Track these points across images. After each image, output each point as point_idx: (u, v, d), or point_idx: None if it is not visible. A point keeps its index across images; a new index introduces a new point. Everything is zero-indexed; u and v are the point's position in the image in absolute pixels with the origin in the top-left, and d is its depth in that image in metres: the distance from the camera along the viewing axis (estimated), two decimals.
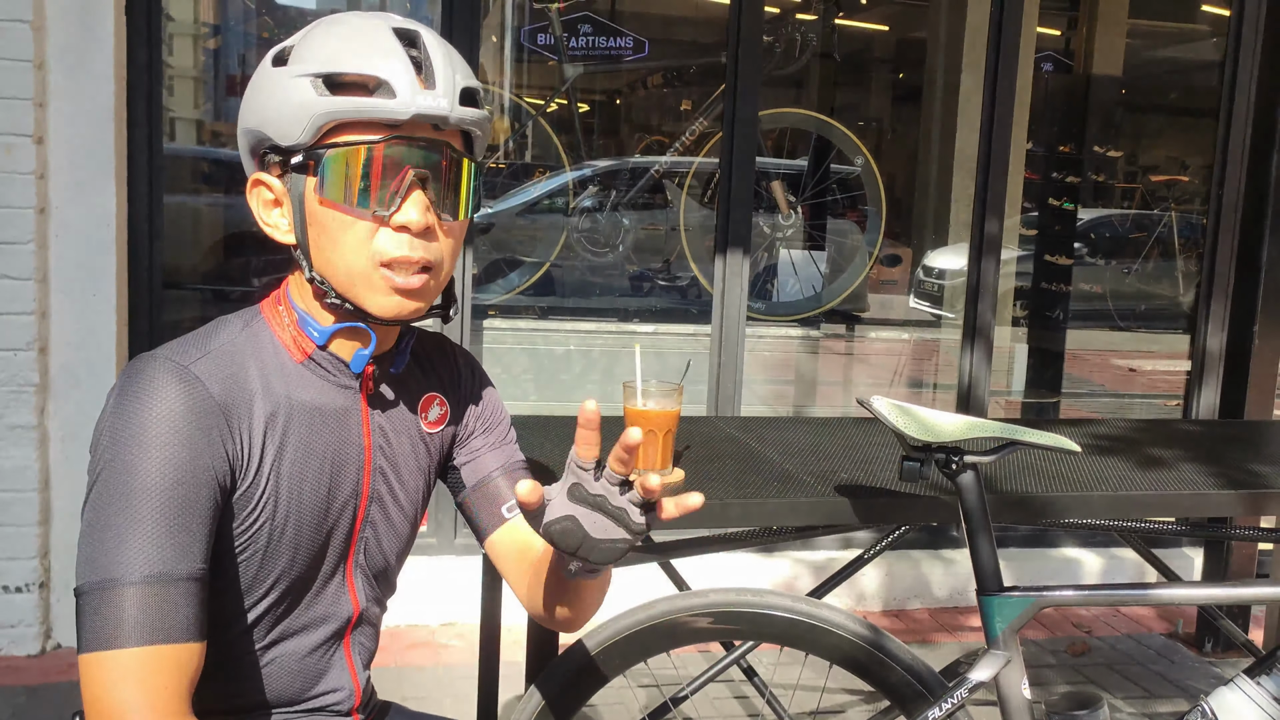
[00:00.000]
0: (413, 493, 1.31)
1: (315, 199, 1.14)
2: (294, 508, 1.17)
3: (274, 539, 1.16)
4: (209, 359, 1.13)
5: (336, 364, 1.22)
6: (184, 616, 1.04)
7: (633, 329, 4.02)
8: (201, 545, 1.07)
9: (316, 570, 1.22)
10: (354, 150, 1.11)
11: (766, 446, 2.17)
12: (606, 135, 4.54)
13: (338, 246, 1.14)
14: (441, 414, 1.35)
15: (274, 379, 1.17)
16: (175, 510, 1.05)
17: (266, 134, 1.14)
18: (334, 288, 1.16)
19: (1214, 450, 2.32)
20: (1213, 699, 1.61)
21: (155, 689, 1.01)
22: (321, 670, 1.26)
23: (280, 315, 1.21)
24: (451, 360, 1.39)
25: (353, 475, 1.23)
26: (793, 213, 4.24)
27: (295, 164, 1.13)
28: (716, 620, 1.68)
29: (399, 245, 1.13)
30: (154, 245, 3.27)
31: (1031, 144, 5.48)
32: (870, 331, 4.36)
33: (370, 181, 1.12)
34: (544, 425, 2.28)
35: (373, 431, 1.25)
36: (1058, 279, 5.27)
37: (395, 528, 1.30)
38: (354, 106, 1.10)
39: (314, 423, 1.19)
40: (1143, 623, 3.92)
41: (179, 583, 1.04)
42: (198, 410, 1.08)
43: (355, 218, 1.13)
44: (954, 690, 1.62)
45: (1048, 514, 1.90)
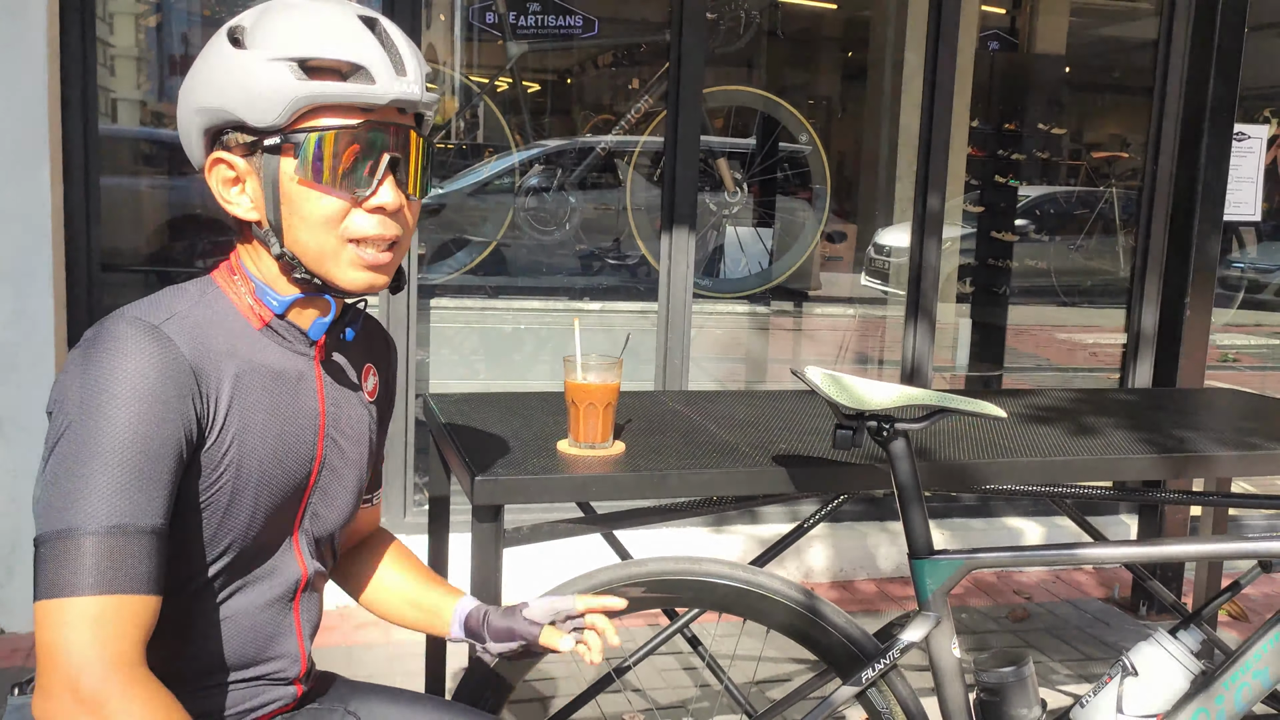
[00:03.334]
0: (357, 459, 1.35)
1: (292, 179, 1.17)
2: (255, 468, 1.20)
3: (235, 498, 1.18)
4: (177, 320, 1.15)
5: (293, 331, 1.26)
6: (142, 569, 1.05)
7: (580, 307, 4.04)
8: (164, 500, 1.09)
9: (271, 532, 1.25)
10: (334, 134, 1.15)
11: (708, 419, 2.20)
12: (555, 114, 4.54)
13: (311, 225, 1.18)
14: (375, 384, 1.41)
15: (238, 343, 1.21)
16: (141, 464, 1.07)
17: (235, 115, 1.15)
18: (303, 263, 1.20)
19: (1143, 417, 2.39)
20: (1133, 653, 1.67)
21: (109, 638, 1.02)
22: (271, 635, 1.28)
23: (235, 284, 1.24)
24: (382, 338, 1.46)
25: (309, 439, 1.27)
26: (739, 190, 4.27)
27: (269, 145, 1.16)
28: (655, 589, 1.71)
29: (373, 225, 1.19)
30: (91, 228, 3.23)
31: (977, 121, 5.55)
32: (817, 308, 4.41)
33: (350, 164, 1.17)
34: (497, 402, 2.30)
35: (326, 398, 1.29)
36: (1002, 255, 5.35)
37: (344, 493, 1.34)
38: (337, 91, 1.14)
39: (275, 386, 1.23)
40: (1081, 588, 4.02)
41: (139, 535, 1.06)
42: (170, 368, 1.10)
43: (334, 198, 1.17)
44: (886, 651, 1.66)
45: (980, 480, 1.96)
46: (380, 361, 1.43)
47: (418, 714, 1.42)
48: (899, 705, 1.70)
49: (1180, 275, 3.73)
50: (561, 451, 1.91)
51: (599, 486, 1.78)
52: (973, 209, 5.51)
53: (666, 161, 3.69)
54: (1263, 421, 2.39)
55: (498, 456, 1.85)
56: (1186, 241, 3.69)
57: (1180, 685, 1.64)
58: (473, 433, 2.01)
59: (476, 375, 4.02)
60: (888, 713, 1.70)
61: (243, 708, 1.27)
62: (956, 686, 1.67)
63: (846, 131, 5.31)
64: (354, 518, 1.41)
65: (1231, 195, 3.81)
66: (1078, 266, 5.95)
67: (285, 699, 1.31)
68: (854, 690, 1.66)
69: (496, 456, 1.85)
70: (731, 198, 4.26)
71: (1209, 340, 3.75)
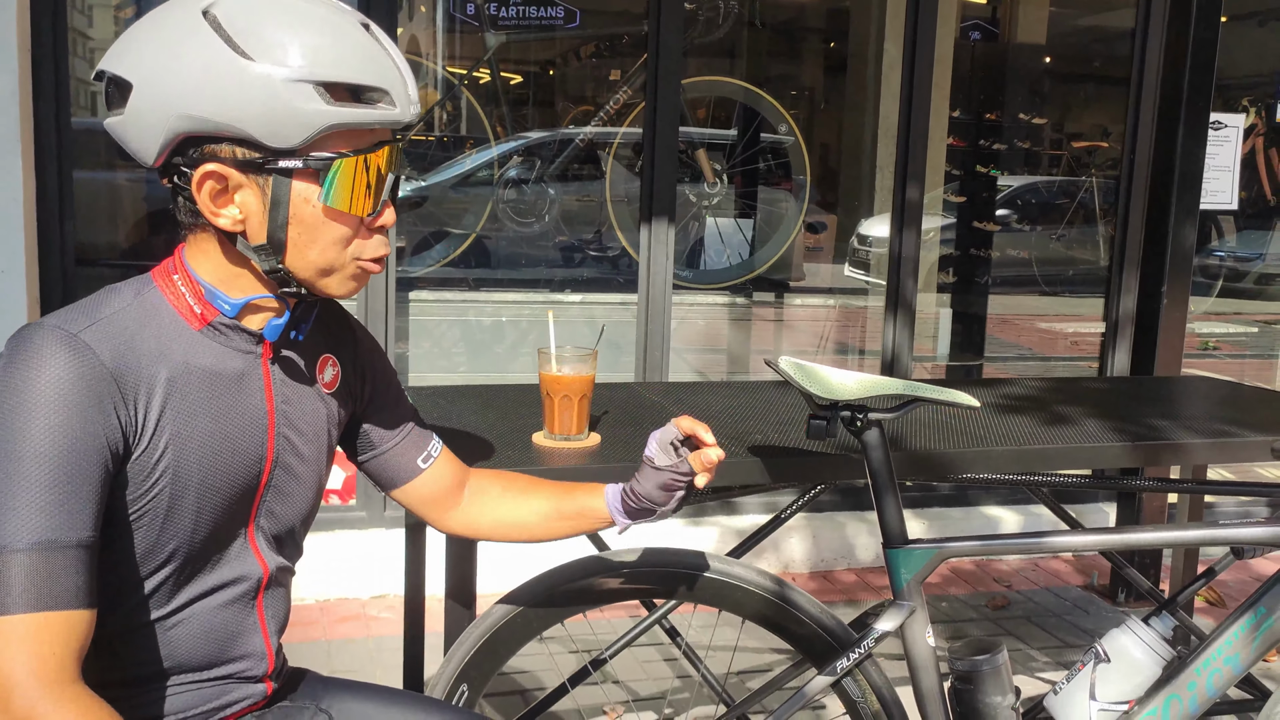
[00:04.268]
0: (315, 453, 1.32)
1: (310, 204, 1.15)
2: (195, 472, 1.17)
3: (175, 504, 1.16)
4: (99, 326, 1.12)
5: (236, 329, 1.22)
6: (72, 583, 1.04)
7: (560, 298, 4.03)
8: (91, 513, 1.06)
9: (221, 534, 1.23)
10: (359, 160, 1.15)
11: (685, 410, 2.20)
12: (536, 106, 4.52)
13: (324, 247, 1.18)
14: (335, 374, 1.36)
15: (171, 346, 1.17)
16: (64, 477, 1.04)
17: (243, 132, 1.10)
18: (299, 279, 1.19)
19: (1119, 405, 2.40)
20: (1105, 640, 1.68)
21: (42, 656, 1.01)
22: (234, 634, 1.26)
23: (176, 284, 1.20)
24: (341, 322, 1.41)
25: (256, 439, 1.24)
26: (718, 181, 4.26)
27: (284, 168, 1.12)
28: (630, 580, 1.71)
29: (381, 244, 1.22)
30: (65, 222, 3.20)
31: (959, 112, 5.56)
32: (798, 299, 4.41)
33: (368, 187, 1.17)
34: (473, 394, 2.29)
35: (275, 395, 1.26)
36: (983, 245, 5.37)
37: (301, 489, 1.31)
38: (368, 117, 1.13)
39: (214, 387, 1.19)
40: (1060, 577, 4.04)
41: (67, 550, 1.03)
42: (88, 378, 1.07)
43: (349, 220, 1.17)
44: (861, 641, 1.67)
45: (955, 469, 1.96)
46: (342, 349, 1.38)
47: (392, 711, 1.41)
48: (874, 694, 1.70)
49: (1157, 263, 3.75)
50: (537, 443, 1.91)
51: (573, 479, 1.77)
52: (954, 199, 5.53)
53: (645, 152, 3.68)
54: (1237, 409, 2.40)
55: (473, 449, 1.84)
56: (1163, 230, 3.71)
57: (1152, 671, 1.65)
58: (448, 426, 2.01)
59: (456, 368, 4.01)
60: (863, 702, 1.70)
61: (210, 706, 1.25)
62: (931, 675, 1.67)
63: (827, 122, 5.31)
64: (317, 507, 1.37)
65: (1209, 184, 3.83)
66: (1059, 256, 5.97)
67: (254, 697, 1.30)
68: (829, 680, 1.66)
69: (471, 449, 1.84)
70: (711, 189, 4.26)
71: (1186, 328, 3.77)
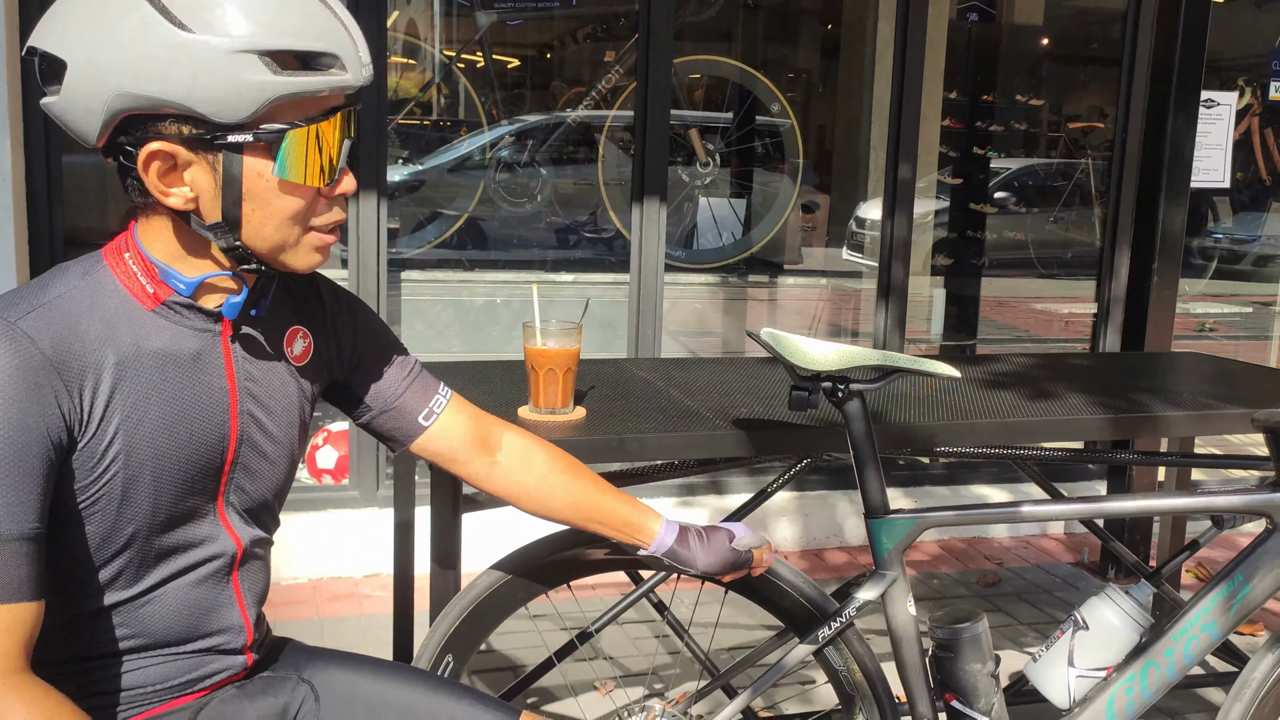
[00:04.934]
0: (286, 428, 1.30)
1: (264, 179, 1.12)
2: (150, 457, 1.15)
3: (130, 489, 1.14)
4: (40, 312, 1.09)
5: (191, 308, 1.19)
6: (16, 576, 1.03)
7: (553, 278, 4.04)
8: (34, 505, 1.05)
9: (187, 513, 1.21)
10: (310, 130, 1.12)
11: (672, 386, 2.21)
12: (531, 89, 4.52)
13: (280, 220, 1.15)
14: (305, 347, 1.33)
15: (120, 328, 1.14)
16: (3, 471, 1.03)
17: (186, 107, 1.06)
18: (258, 255, 1.16)
19: (1105, 380, 2.41)
20: (1084, 608, 1.70)
21: None
22: (210, 609, 1.26)
23: (127, 264, 1.17)
24: (314, 292, 1.38)
25: (217, 418, 1.21)
26: (711, 161, 4.26)
27: (233, 143, 1.09)
28: (614, 550, 1.72)
29: (335, 212, 1.19)
30: (54, 204, 3.21)
31: (955, 93, 5.55)
32: (790, 279, 4.42)
33: (323, 157, 1.14)
34: (461, 370, 2.31)
35: (237, 373, 1.23)
36: (980, 227, 5.37)
37: (271, 464, 1.29)
38: (318, 84, 1.09)
39: (166, 369, 1.16)
40: (1051, 554, 4.06)
41: (10, 543, 1.03)
42: (24, 368, 1.05)
43: (304, 192, 1.14)
44: (842, 609, 1.68)
45: (939, 442, 1.97)
46: (311, 319, 1.35)
47: (373, 679, 1.40)
48: (856, 663, 1.72)
49: (1147, 242, 3.75)
50: (522, 417, 1.92)
51: None
52: (950, 180, 5.53)
53: (636, 132, 3.68)
54: (1224, 384, 2.41)
55: None
56: (1153, 209, 3.71)
57: (1130, 639, 1.66)
58: None
59: (450, 348, 4.02)
60: (845, 671, 1.72)
61: (190, 677, 1.26)
62: (912, 644, 1.68)
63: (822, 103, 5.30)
64: (291, 481, 1.35)
65: (1200, 163, 3.84)
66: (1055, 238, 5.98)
67: (235, 668, 1.30)
68: (811, 648, 1.68)
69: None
70: (704, 169, 4.26)
71: (1176, 306, 3.78)
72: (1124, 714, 1.66)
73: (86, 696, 1.17)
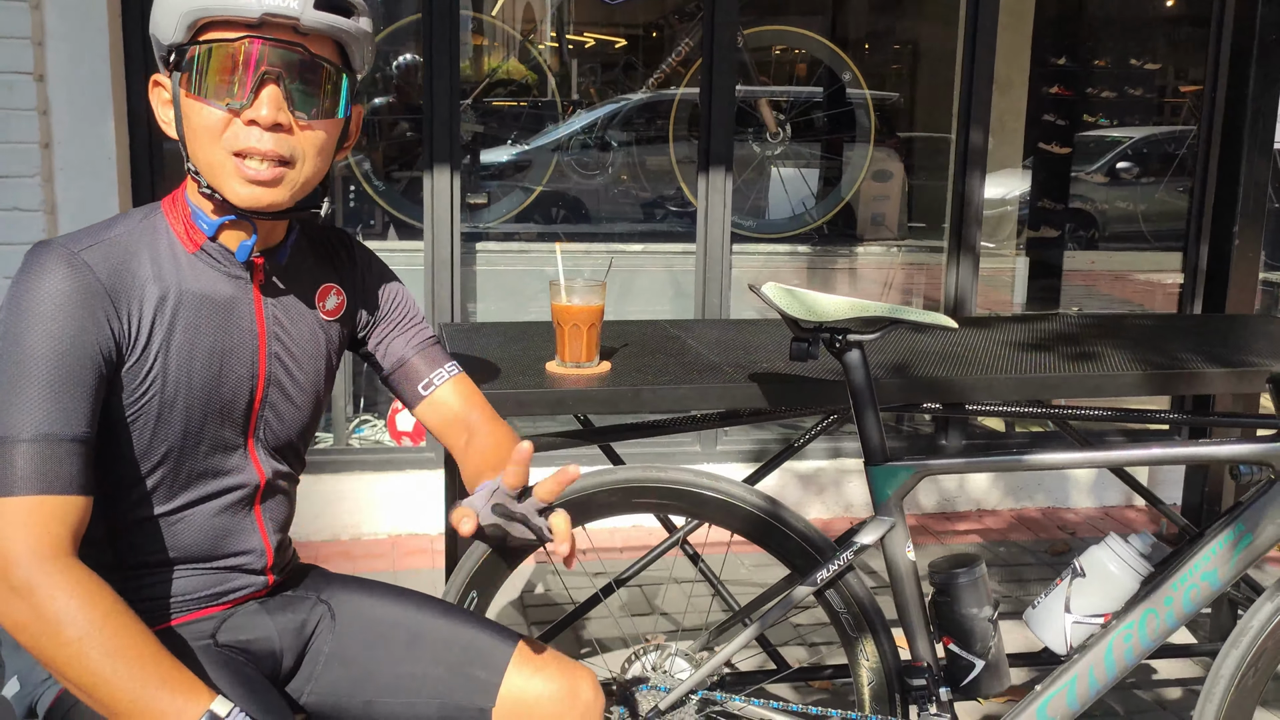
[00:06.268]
0: (312, 375, 1.44)
1: (185, 95, 1.25)
2: (182, 386, 1.29)
3: (163, 412, 1.28)
4: (100, 247, 1.25)
5: (226, 254, 1.33)
6: (68, 472, 1.17)
7: (622, 248, 4.13)
8: (86, 411, 1.19)
9: (214, 444, 1.35)
10: (213, 47, 1.23)
11: (701, 343, 2.28)
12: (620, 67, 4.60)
13: (199, 137, 1.26)
14: (339, 303, 1.47)
15: (165, 267, 1.29)
16: (61, 378, 1.18)
17: (156, 36, 1.27)
18: (204, 178, 1.28)
19: (1154, 340, 2.39)
20: (1083, 556, 1.72)
21: (40, 534, 1.14)
22: (231, 532, 1.39)
23: (176, 209, 1.33)
24: (349, 254, 1.52)
25: (246, 359, 1.35)
26: (781, 131, 4.29)
27: (172, 61, 1.26)
28: (626, 494, 1.81)
29: (248, 137, 1.24)
30: (155, 177, 3.43)
31: (1065, 59, 5.44)
32: (860, 248, 4.42)
33: (226, 76, 1.23)
34: (505, 330, 2.42)
35: (266, 319, 1.37)
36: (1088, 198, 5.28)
37: (296, 407, 1.42)
38: (211, 5, 1.21)
39: (202, 310, 1.31)
40: (1131, 525, 3.99)
41: (64, 442, 1.17)
42: (84, 291, 1.20)
43: (213, 109, 1.24)
44: (841, 552, 1.74)
45: (955, 396, 2.00)
46: (345, 277, 1.49)
47: (387, 603, 1.51)
48: (857, 606, 1.77)
49: (1229, 204, 3.65)
50: (549, 371, 2.02)
51: (574, 401, 1.88)
52: (1058, 150, 5.43)
53: (702, 103, 3.74)
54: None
55: (488, 376, 1.97)
56: (1234, 169, 3.61)
57: (1128, 586, 1.68)
58: (470, 355, 2.13)
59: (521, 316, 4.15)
60: (844, 611, 1.78)
61: (213, 590, 1.39)
62: (911, 588, 1.73)
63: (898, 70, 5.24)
64: (318, 422, 1.49)
65: None
66: (1168, 208, 5.81)
67: (256, 586, 1.43)
68: (810, 589, 1.74)
69: (487, 376, 1.96)
70: (774, 139, 4.29)
71: (1259, 270, 3.67)
72: (1123, 660, 1.68)
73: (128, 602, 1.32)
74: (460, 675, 1.45)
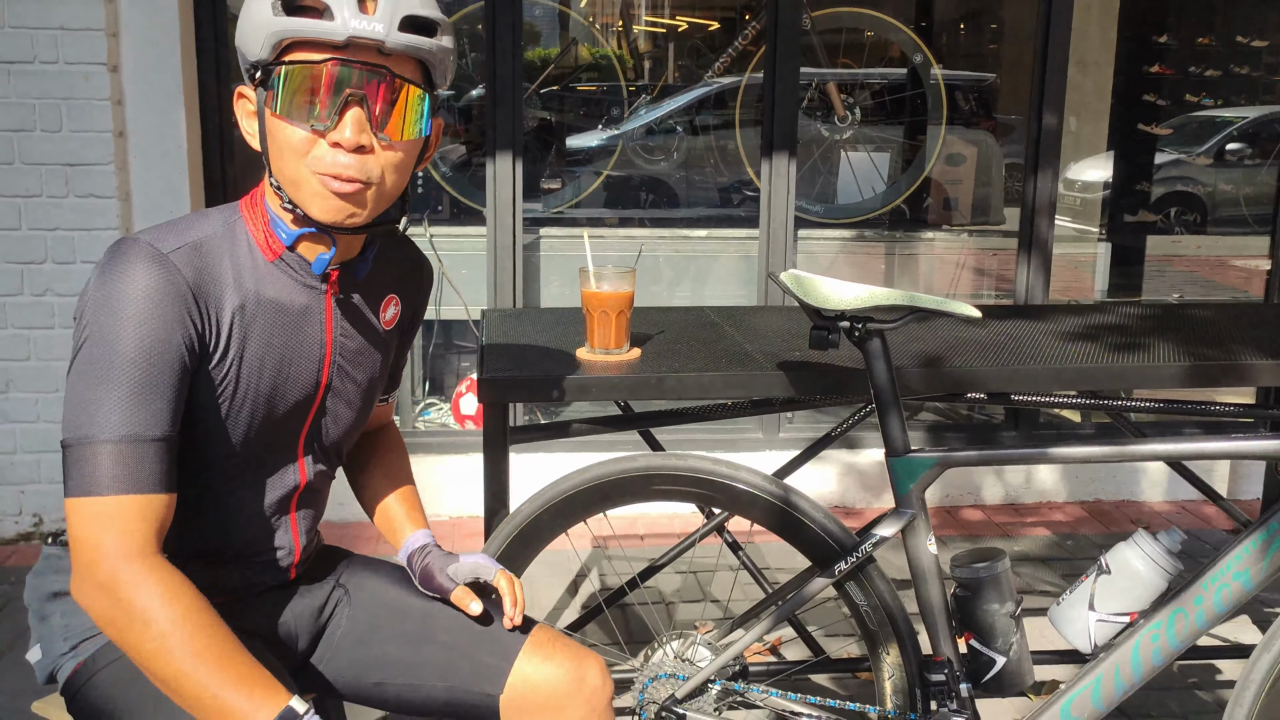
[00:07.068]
0: (368, 381, 1.47)
1: (271, 113, 1.25)
2: (250, 391, 1.32)
3: (229, 416, 1.31)
4: (187, 250, 1.25)
5: (303, 265, 1.35)
6: (152, 471, 1.20)
7: (687, 234, 4.12)
8: (170, 411, 1.22)
9: (266, 447, 1.38)
10: (299, 68, 1.23)
11: (739, 331, 2.26)
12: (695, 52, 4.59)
13: (283, 155, 1.26)
14: (395, 313, 1.51)
15: (245, 275, 1.31)
16: (148, 379, 1.20)
17: (243, 51, 1.27)
18: (286, 192, 1.29)
19: (1212, 331, 2.30)
20: (1110, 553, 1.66)
21: (126, 532, 1.18)
22: (266, 531, 1.43)
23: (255, 215, 1.34)
24: (412, 264, 1.54)
25: (312, 368, 1.38)
26: (850, 115, 4.22)
27: (259, 78, 1.26)
28: (646, 482, 1.81)
29: (332, 158, 1.25)
30: (225, 165, 3.54)
31: (1167, 37, 5.26)
32: (930, 234, 4.32)
33: (311, 97, 1.24)
34: (544, 315, 2.43)
35: (335, 330, 1.40)
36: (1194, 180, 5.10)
37: (351, 411, 1.46)
38: (297, 27, 1.22)
39: (277, 318, 1.33)
40: (1209, 520, 3.85)
41: (148, 443, 1.20)
42: (172, 293, 1.22)
43: (297, 130, 1.25)
44: (861, 544, 1.71)
45: (985, 386, 1.95)
46: (407, 290, 1.52)
47: (405, 589, 1.53)
48: (877, 599, 1.75)
49: None
50: (579, 357, 2.02)
51: (597, 387, 1.89)
52: (1159, 131, 5.25)
53: (766, 85, 3.70)
54: None
55: (519, 360, 1.98)
56: None
57: (1155, 584, 1.62)
58: (507, 343, 2.15)
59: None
60: (864, 605, 1.75)
61: (238, 584, 1.43)
62: (933, 582, 1.70)
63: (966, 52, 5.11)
64: (364, 424, 1.53)
65: None
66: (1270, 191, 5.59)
67: (280, 579, 1.47)
68: (828, 580, 1.72)
69: (518, 360, 1.98)
70: (843, 123, 4.22)
71: None
72: (1150, 661, 1.62)
73: None
74: (470, 660, 1.47)
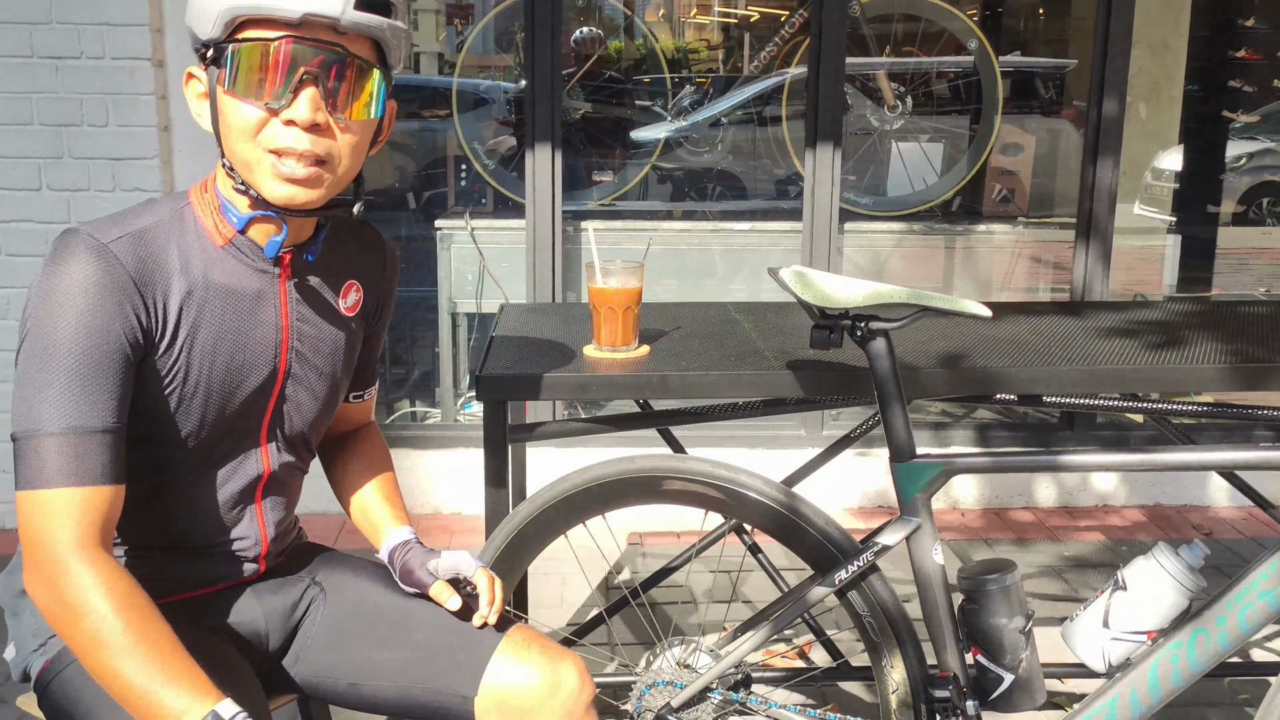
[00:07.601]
0: (331, 369, 1.44)
1: (222, 90, 1.23)
2: (203, 379, 1.30)
3: (182, 404, 1.30)
4: (129, 239, 1.24)
5: (254, 249, 1.33)
6: (96, 463, 1.19)
7: (729, 226, 4.05)
8: (113, 402, 1.21)
9: (226, 435, 1.36)
10: (253, 46, 1.21)
11: (757, 328, 2.20)
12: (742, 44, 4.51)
13: (235, 134, 1.24)
14: (357, 299, 1.48)
15: (193, 261, 1.29)
16: (87, 371, 1.19)
17: (193, 31, 1.25)
18: (238, 173, 1.27)
19: (1254, 330, 2.18)
20: (1127, 569, 1.57)
21: (73, 524, 1.18)
22: (229, 521, 1.41)
23: (205, 200, 1.32)
24: (374, 250, 1.51)
25: (268, 354, 1.36)
26: (900, 105, 4.10)
27: (209, 57, 1.24)
28: (646, 485, 1.76)
29: (286, 137, 1.23)
30: None
31: (1253, 20, 5.05)
32: (981, 227, 4.18)
33: (265, 75, 1.21)
34: (559, 311, 2.40)
35: (290, 314, 1.37)
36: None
37: (315, 400, 1.44)
38: (251, 3, 1.20)
39: (229, 304, 1.31)
40: (1272, 528, 3.67)
41: (93, 434, 1.19)
42: (110, 284, 1.20)
43: (251, 108, 1.23)
44: (863, 552, 1.65)
45: (1007, 387, 1.87)
46: (369, 276, 1.49)
47: (383, 587, 1.50)
48: (880, 610, 1.68)
49: None
50: (586, 355, 1.98)
51: (598, 386, 1.84)
52: (1247, 118, 5.05)
53: (809, 75, 3.61)
54: None
55: (526, 357, 1.94)
56: None
57: (1175, 601, 1.52)
58: (518, 337, 2.11)
59: None
60: (867, 615, 1.68)
61: (203, 576, 1.42)
62: (939, 592, 1.63)
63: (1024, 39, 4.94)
64: (332, 415, 1.50)
65: None
66: None
67: (247, 572, 1.45)
68: (828, 589, 1.66)
69: (525, 357, 1.94)
70: (893, 113, 4.11)
71: None
72: (1168, 682, 1.53)
73: None
74: (445, 661, 1.44)
